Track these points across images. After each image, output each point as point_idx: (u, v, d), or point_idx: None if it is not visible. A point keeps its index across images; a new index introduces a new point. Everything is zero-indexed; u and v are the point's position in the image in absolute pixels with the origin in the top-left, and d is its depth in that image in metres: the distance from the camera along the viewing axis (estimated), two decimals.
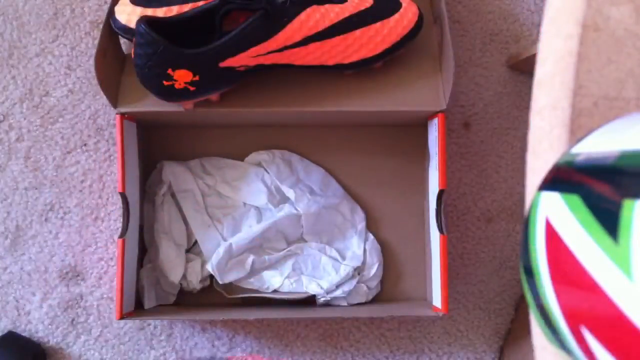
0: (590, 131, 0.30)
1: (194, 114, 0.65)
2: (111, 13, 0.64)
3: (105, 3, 0.75)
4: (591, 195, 0.25)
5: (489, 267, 0.75)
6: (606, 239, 0.24)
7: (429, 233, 0.70)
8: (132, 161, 0.67)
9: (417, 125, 0.72)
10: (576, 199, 0.26)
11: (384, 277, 0.73)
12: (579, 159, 0.28)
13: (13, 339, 0.71)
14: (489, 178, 0.76)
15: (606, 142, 0.27)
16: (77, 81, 0.74)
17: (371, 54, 0.63)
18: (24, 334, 0.72)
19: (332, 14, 0.60)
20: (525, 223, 0.30)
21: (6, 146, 0.73)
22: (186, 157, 0.73)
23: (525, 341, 0.70)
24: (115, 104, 0.64)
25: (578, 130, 0.33)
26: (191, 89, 0.59)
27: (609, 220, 0.24)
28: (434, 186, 0.67)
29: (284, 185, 0.70)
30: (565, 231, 0.26)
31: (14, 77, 0.74)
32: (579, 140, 0.30)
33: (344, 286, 0.69)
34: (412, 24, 0.64)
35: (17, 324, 0.73)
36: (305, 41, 0.59)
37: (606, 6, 0.34)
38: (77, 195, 0.74)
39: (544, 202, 0.28)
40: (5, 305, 0.73)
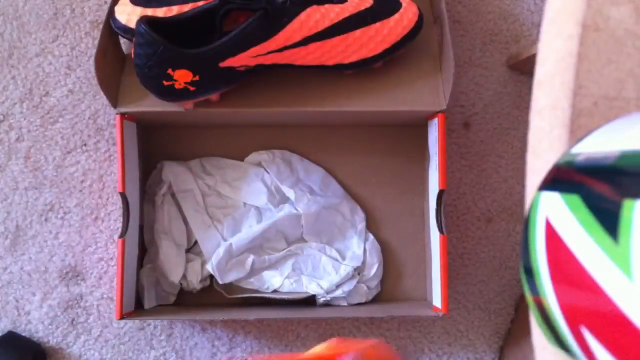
0: (590, 131, 0.30)
1: (194, 114, 0.65)
2: (111, 13, 0.64)
3: (105, 3, 0.75)
4: (591, 195, 0.25)
5: (489, 267, 0.75)
6: (606, 239, 0.24)
7: (429, 233, 0.70)
8: (132, 161, 0.67)
9: (417, 125, 0.72)
10: (576, 199, 0.26)
11: (384, 277, 0.73)
12: (579, 159, 0.28)
13: (13, 339, 0.71)
14: (489, 178, 0.76)
15: (606, 142, 0.27)
16: (77, 81, 0.74)
17: (371, 54, 0.63)
18: (24, 334, 0.72)
19: (332, 14, 0.60)
20: (525, 223, 0.30)
21: (6, 146, 0.73)
22: (186, 157, 0.73)
23: (525, 341, 0.70)
24: (115, 104, 0.64)
25: (578, 130, 0.33)
26: (191, 89, 0.59)
27: (609, 220, 0.24)
28: (434, 186, 0.67)
29: (284, 185, 0.70)
30: (565, 231, 0.26)
31: (14, 77, 0.74)
32: (579, 140, 0.30)
33: (344, 286, 0.69)
34: (412, 24, 0.64)
35: (17, 324, 0.73)
36: (305, 41, 0.59)
37: (606, 6, 0.34)
38: (77, 195, 0.74)
39: (544, 202, 0.28)
40: (5, 305, 0.73)
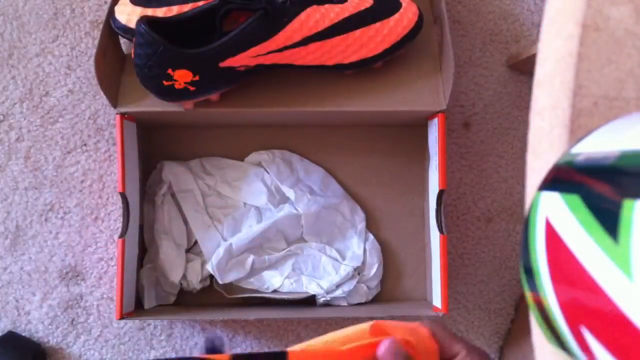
0: (590, 131, 0.30)
1: (194, 114, 0.65)
2: (111, 13, 0.64)
3: (105, 3, 0.75)
4: (591, 195, 0.25)
5: (489, 267, 0.75)
6: (606, 239, 0.24)
7: (429, 233, 0.70)
8: (132, 161, 0.67)
9: (417, 125, 0.72)
10: (576, 199, 0.26)
11: (384, 277, 0.73)
12: (579, 159, 0.28)
13: (13, 339, 0.71)
14: (489, 178, 0.76)
15: (606, 142, 0.27)
16: (77, 81, 0.74)
17: (371, 54, 0.63)
18: (24, 334, 0.72)
19: (332, 14, 0.60)
20: (525, 223, 0.30)
21: (6, 146, 0.73)
22: (186, 157, 0.73)
23: (525, 341, 0.70)
24: (115, 104, 0.64)
25: (578, 130, 0.33)
26: (191, 89, 0.59)
27: (609, 220, 0.24)
28: (434, 186, 0.67)
29: (284, 185, 0.70)
30: (565, 231, 0.26)
31: (14, 77, 0.74)
32: (579, 140, 0.30)
33: (344, 286, 0.69)
34: (412, 24, 0.64)
35: (17, 324, 0.73)
36: (305, 41, 0.59)
37: (606, 6, 0.34)
38: (77, 195, 0.74)
39: (544, 202, 0.28)
40: (5, 305, 0.73)
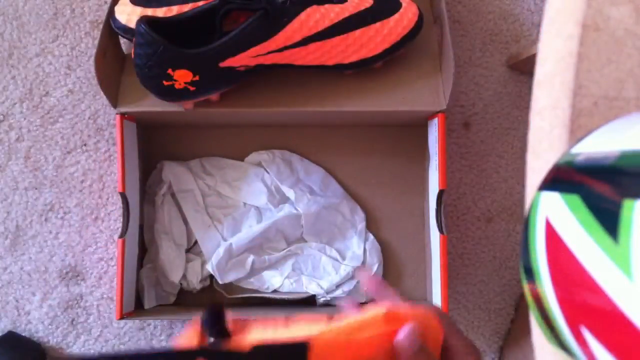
0: (590, 131, 0.30)
1: (194, 114, 0.65)
2: (111, 13, 0.64)
3: (105, 3, 0.75)
4: (591, 195, 0.25)
5: (489, 267, 0.75)
6: (606, 239, 0.24)
7: (429, 233, 0.70)
8: (132, 161, 0.67)
9: (417, 125, 0.72)
10: (576, 199, 0.26)
11: (384, 277, 0.73)
12: (579, 159, 0.28)
13: (13, 339, 0.71)
14: (489, 178, 0.76)
15: (606, 142, 0.27)
16: (77, 81, 0.74)
17: (371, 54, 0.63)
18: (24, 334, 0.72)
19: (332, 13, 0.60)
20: (525, 223, 0.30)
21: (6, 146, 0.73)
22: (186, 157, 0.73)
23: (525, 341, 0.70)
24: (115, 104, 0.64)
25: (578, 130, 0.33)
26: (191, 89, 0.59)
27: (609, 220, 0.24)
28: (434, 186, 0.67)
29: (284, 185, 0.70)
30: (565, 231, 0.26)
31: (14, 77, 0.74)
32: (579, 140, 0.30)
33: (344, 286, 0.69)
34: (412, 24, 0.64)
35: (17, 324, 0.73)
36: (305, 41, 0.59)
37: (606, 6, 0.34)
38: (77, 195, 0.74)
39: (544, 202, 0.28)
40: (5, 305, 0.73)
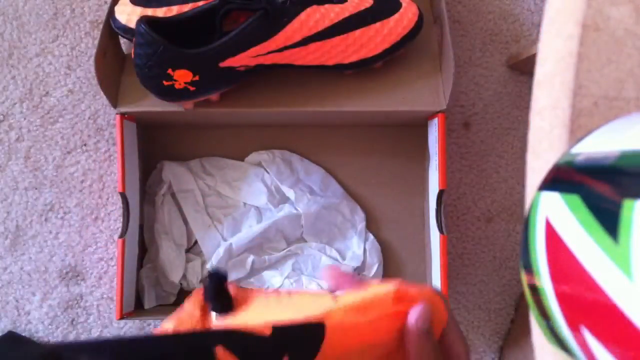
0: (590, 131, 0.30)
1: (194, 114, 0.65)
2: (111, 13, 0.64)
3: (105, 3, 0.75)
4: (591, 195, 0.25)
5: (489, 267, 0.75)
6: (606, 239, 0.24)
7: (429, 233, 0.70)
8: (132, 161, 0.67)
9: (417, 125, 0.72)
10: (576, 199, 0.26)
11: (384, 277, 0.73)
12: (579, 159, 0.28)
13: (13, 339, 0.71)
14: (489, 178, 0.76)
15: (606, 142, 0.27)
16: (77, 81, 0.74)
17: (371, 54, 0.63)
18: (24, 334, 0.72)
19: (332, 13, 0.60)
20: (525, 223, 0.30)
21: (6, 146, 0.73)
22: (186, 157, 0.73)
23: (525, 341, 0.70)
24: (115, 104, 0.64)
25: (578, 130, 0.33)
26: (191, 89, 0.59)
27: (609, 220, 0.24)
28: (434, 186, 0.67)
29: (284, 185, 0.70)
30: (565, 231, 0.26)
31: (14, 77, 0.74)
32: (579, 140, 0.30)
33: None
34: (412, 24, 0.64)
35: (17, 324, 0.73)
36: (305, 41, 0.59)
37: (606, 6, 0.34)
38: (77, 195, 0.74)
39: (544, 202, 0.28)
40: (5, 305, 0.73)
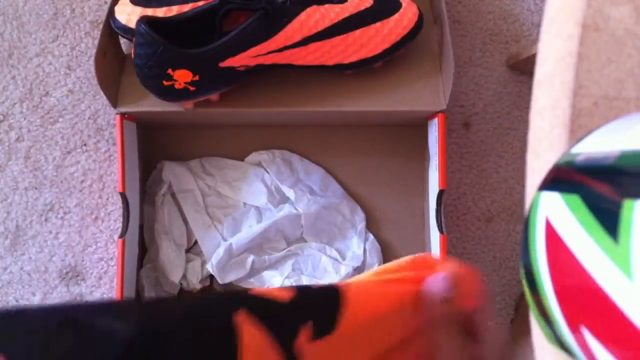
0: (590, 131, 0.30)
1: (194, 114, 0.65)
2: (111, 13, 0.64)
3: (105, 3, 0.75)
4: (591, 195, 0.25)
5: (489, 267, 0.75)
6: (606, 239, 0.24)
7: (429, 233, 0.70)
8: (132, 161, 0.67)
9: (417, 125, 0.72)
10: (576, 199, 0.26)
11: None
12: (579, 159, 0.28)
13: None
14: (489, 178, 0.76)
15: (606, 142, 0.27)
16: (77, 81, 0.74)
17: (371, 54, 0.63)
18: None
19: (332, 14, 0.60)
20: (525, 223, 0.30)
21: (6, 146, 0.73)
22: (186, 157, 0.73)
23: (525, 341, 0.70)
24: (115, 104, 0.64)
25: (578, 130, 0.33)
26: (191, 89, 0.59)
27: (609, 220, 0.24)
28: (434, 186, 0.67)
29: (284, 185, 0.70)
30: (565, 231, 0.26)
31: (14, 77, 0.74)
32: (579, 140, 0.30)
33: None
34: (412, 24, 0.64)
35: None
36: (305, 41, 0.59)
37: (606, 6, 0.34)
38: (77, 195, 0.74)
39: (544, 202, 0.28)
40: (5, 305, 0.73)
